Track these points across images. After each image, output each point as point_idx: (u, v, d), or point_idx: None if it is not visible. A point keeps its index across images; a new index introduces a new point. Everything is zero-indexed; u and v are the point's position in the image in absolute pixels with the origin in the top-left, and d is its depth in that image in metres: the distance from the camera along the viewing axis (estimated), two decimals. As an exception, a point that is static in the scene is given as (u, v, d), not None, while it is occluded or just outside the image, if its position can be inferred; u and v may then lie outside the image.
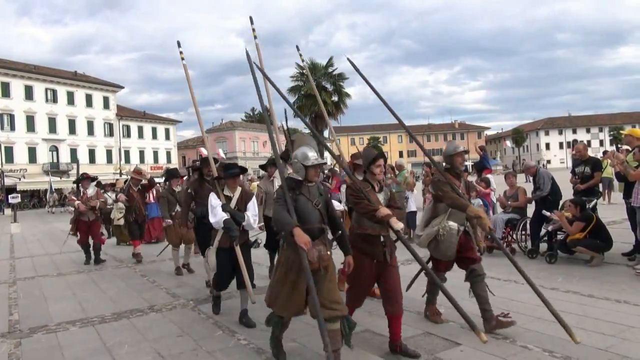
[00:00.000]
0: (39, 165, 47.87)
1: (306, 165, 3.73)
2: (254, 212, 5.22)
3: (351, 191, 4.02)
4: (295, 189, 3.77)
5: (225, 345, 4.51)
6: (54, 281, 8.18)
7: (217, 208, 5.01)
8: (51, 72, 51.57)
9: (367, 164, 4.22)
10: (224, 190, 5.24)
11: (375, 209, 3.82)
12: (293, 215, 3.55)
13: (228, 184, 5.24)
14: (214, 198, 5.09)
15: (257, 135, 68.59)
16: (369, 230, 4.01)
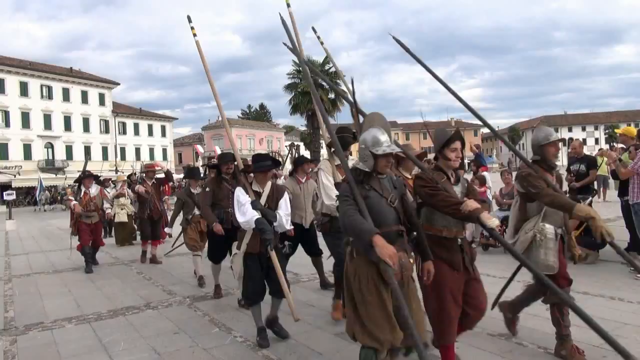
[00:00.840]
0: (34, 162, 47.61)
1: (376, 154, 3.01)
2: (286, 210, 4.48)
3: (422, 182, 3.29)
4: (363, 182, 3.05)
5: (222, 342, 4.51)
6: (50, 278, 8.16)
7: (246, 205, 4.26)
8: (46, 69, 51.25)
9: (439, 147, 3.44)
10: (253, 185, 4.50)
11: (459, 201, 3.11)
12: (368, 218, 2.84)
13: (257, 178, 4.53)
14: (241, 194, 4.35)
15: (254, 133, 68.48)
16: (444, 232, 3.28)
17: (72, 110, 51.88)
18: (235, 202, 4.35)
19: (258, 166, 4.52)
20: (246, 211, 4.24)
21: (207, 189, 5.97)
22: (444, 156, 3.40)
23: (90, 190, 8.90)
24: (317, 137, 41.10)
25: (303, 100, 39.79)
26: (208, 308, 5.71)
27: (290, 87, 41.29)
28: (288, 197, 4.64)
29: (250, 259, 4.34)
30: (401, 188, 3.18)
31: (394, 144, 3.10)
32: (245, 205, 4.27)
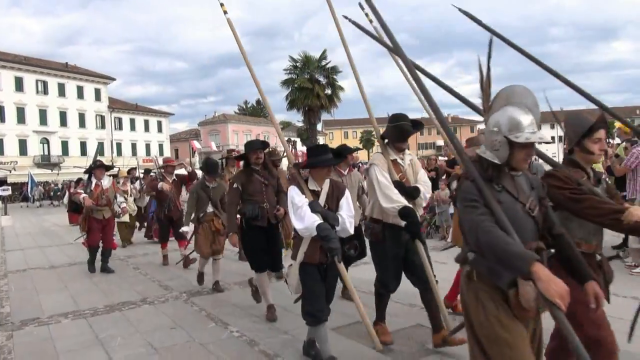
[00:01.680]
0: (30, 157, 47.42)
1: (515, 142, 2.20)
2: (349, 211, 3.77)
3: (559, 182, 2.59)
4: (492, 180, 2.24)
5: (218, 337, 4.52)
6: (46, 274, 8.14)
7: (304, 208, 3.58)
8: (41, 64, 50.97)
9: (577, 137, 2.72)
10: (309, 183, 3.80)
11: (619, 208, 2.44)
12: (514, 235, 2.05)
13: (315, 175, 3.78)
14: (296, 194, 3.68)
15: (250, 129, 68.35)
16: (582, 246, 2.64)
17: (68, 105, 51.64)
18: (290, 205, 3.70)
19: (317, 161, 3.77)
20: (304, 215, 3.55)
21: (235, 184, 5.04)
22: (584, 149, 2.70)
23: (102, 181, 7.90)
24: (314, 133, 41.09)
25: (300, 96, 39.73)
26: (204, 303, 5.71)
27: (287, 82, 41.20)
28: (350, 196, 3.94)
29: (309, 270, 3.68)
30: (540, 189, 2.37)
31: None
32: (302, 208, 3.60)
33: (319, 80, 41.03)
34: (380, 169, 3.97)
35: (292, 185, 3.82)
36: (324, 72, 41.37)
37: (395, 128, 4.07)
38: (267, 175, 5.08)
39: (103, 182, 7.90)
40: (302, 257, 3.69)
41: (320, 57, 41.51)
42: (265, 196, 4.98)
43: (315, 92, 39.56)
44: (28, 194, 34.00)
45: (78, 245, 11.61)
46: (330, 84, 41.49)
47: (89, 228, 7.79)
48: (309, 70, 40.93)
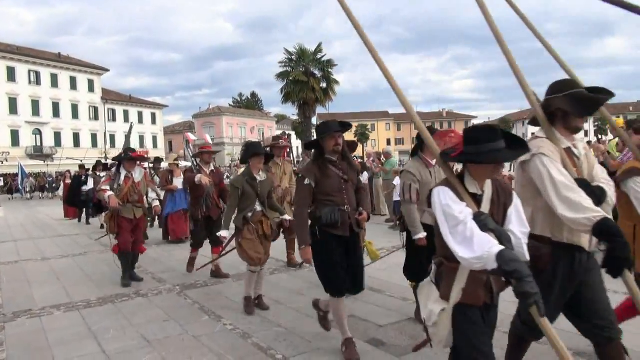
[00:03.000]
0: (22, 148, 47.09)
1: None
2: (522, 226, 2.40)
3: None
4: None
5: (211, 330, 4.53)
6: (38, 266, 8.10)
7: (469, 224, 2.19)
8: (34, 54, 50.51)
9: None
10: (466, 183, 2.37)
11: None
12: None
13: (475, 171, 2.36)
14: (452, 200, 2.28)
15: (245, 121, 68.18)
16: None
17: (61, 96, 51.27)
18: (442, 218, 2.27)
19: (484, 151, 2.26)
20: (473, 237, 2.14)
21: (307, 180, 3.80)
22: None
23: (133, 173, 6.63)
24: (309, 126, 40.99)
25: (295, 89, 39.56)
26: (198, 296, 5.71)
27: (282, 75, 41.01)
28: (520, 203, 2.48)
29: (470, 314, 2.37)
30: None
31: None
32: (466, 224, 2.18)
33: (314, 74, 40.85)
34: (552, 160, 2.63)
35: (441, 186, 2.36)
36: (320, 65, 41.20)
37: (573, 98, 2.67)
38: (347, 168, 3.89)
39: (135, 173, 6.63)
40: (459, 297, 2.34)
41: (315, 50, 41.33)
42: (345, 196, 3.83)
43: (310, 86, 39.42)
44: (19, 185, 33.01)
45: (71, 237, 11.59)
46: (325, 78, 41.34)
47: (119, 229, 6.46)
48: (304, 63, 40.75)
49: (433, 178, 4.19)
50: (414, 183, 4.19)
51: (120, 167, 6.59)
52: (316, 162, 3.89)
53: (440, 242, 2.32)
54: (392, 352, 3.81)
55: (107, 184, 6.45)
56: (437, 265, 2.45)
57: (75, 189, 14.40)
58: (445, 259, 2.37)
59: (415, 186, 4.19)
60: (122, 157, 6.64)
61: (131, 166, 6.57)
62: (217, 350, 4.00)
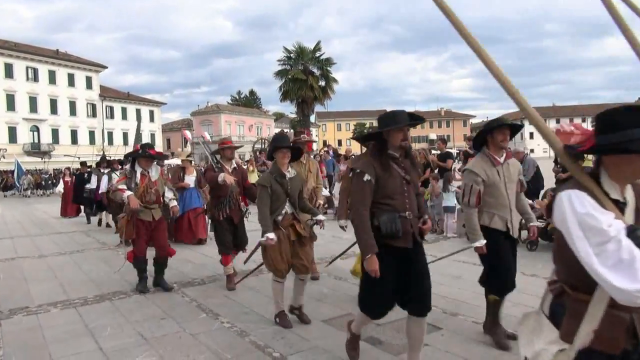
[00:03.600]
0: (20, 145, 46.93)
1: None
2: None
3: None
4: None
5: (209, 327, 4.52)
6: (35, 263, 8.08)
7: (625, 242, 1.55)
8: (32, 50, 50.32)
9: None
10: (604, 185, 1.74)
11: None
12: None
13: (614, 170, 1.75)
14: (596, 210, 1.64)
15: (243, 119, 68.08)
16: None
17: (59, 93, 51.10)
18: (579, 232, 1.67)
19: (636, 138, 1.65)
20: (633, 260, 1.53)
21: (367, 176, 3.13)
22: None
23: (150, 171, 6.00)
24: (307, 125, 40.99)
25: (293, 87, 39.57)
26: (195, 294, 5.70)
27: (281, 73, 41.00)
28: None
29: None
30: None
31: None
32: (620, 240, 1.58)
33: (312, 72, 40.87)
34: None
35: (572, 189, 1.74)
36: (318, 63, 41.22)
37: None
38: (409, 167, 3.29)
39: (151, 171, 6.01)
40: (588, 339, 1.74)
41: (314, 49, 41.34)
42: (407, 200, 3.20)
43: (308, 84, 39.43)
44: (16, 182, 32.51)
45: (68, 234, 11.56)
46: (324, 76, 41.37)
47: (136, 233, 5.83)
48: (302, 61, 40.76)
49: (501, 178, 3.76)
50: (475, 184, 3.73)
51: (135, 165, 5.99)
52: (376, 157, 3.19)
53: (565, 262, 1.76)
54: (390, 351, 3.81)
55: (124, 183, 5.83)
56: (556, 293, 1.84)
57: (78, 187, 14.04)
58: (570, 287, 1.77)
59: (477, 187, 3.71)
60: (139, 154, 5.99)
61: (148, 164, 5.96)
62: (215, 348, 3.99)
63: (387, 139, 3.20)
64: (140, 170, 5.92)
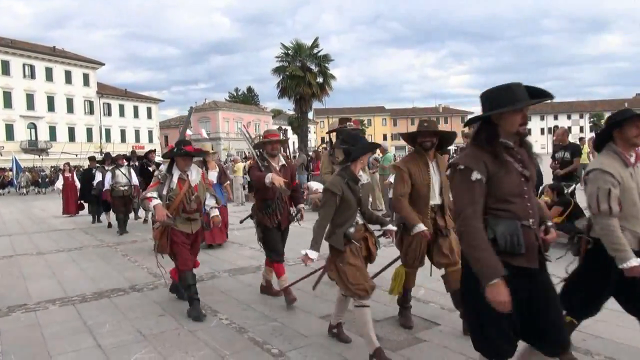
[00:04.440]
0: (17, 142, 46.82)
1: None
2: None
3: None
4: None
5: (207, 324, 4.52)
6: (33, 260, 8.07)
7: None
8: (28, 47, 50.13)
9: None
10: None
11: None
12: None
13: None
14: None
15: (241, 116, 67.97)
16: None
17: (56, 90, 50.94)
18: None
19: None
20: None
21: (476, 174, 2.34)
22: None
23: (190, 174, 5.01)
24: (305, 121, 40.96)
25: (291, 83, 39.45)
26: (194, 291, 5.70)
27: (279, 70, 40.88)
28: None
29: None
30: None
31: None
32: None
33: (310, 69, 40.75)
34: None
35: None
36: (316, 60, 41.11)
37: None
38: (527, 159, 2.47)
39: (190, 174, 5.01)
40: None
41: (312, 45, 41.20)
42: (528, 203, 2.42)
43: (306, 80, 39.34)
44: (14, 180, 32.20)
45: (66, 231, 11.54)
46: (321, 73, 41.27)
47: (174, 247, 4.86)
48: (300, 58, 40.64)
49: (634, 182, 2.95)
50: (613, 187, 2.85)
51: (172, 167, 4.98)
52: (486, 147, 2.37)
53: None
54: (389, 347, 3.82)
55: (154, 190, 4.83)
56: None
57: (86, 184, 13.30)
58: None
59: (615, 192, 2.85)
60: (174, 153, 4.97)
61: (186, 164, 4.94)
62: (213, 345, 4.00)
63: (498, 122, 2.38)
64: (178, 174, 4.92)
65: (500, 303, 2.17)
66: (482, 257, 2.23)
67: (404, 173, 3.97)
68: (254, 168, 5.25)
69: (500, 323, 2.31)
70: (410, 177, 3.94)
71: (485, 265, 2.21)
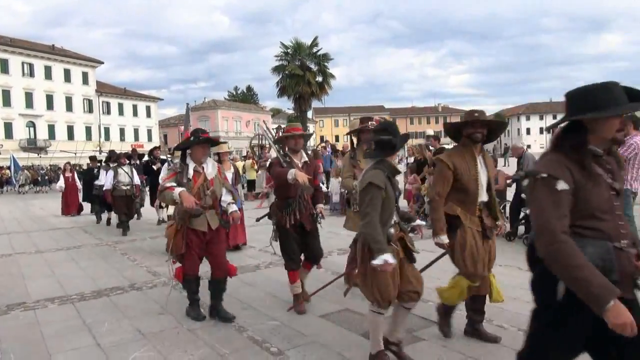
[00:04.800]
0: (16, 141, 46.77)
1: None
2: None
3: None
4: None
5: (207, 323, 4.52)
6: (32, 259, 8.06)
7: None
8: (28, 45, 50.08)
9: None
10: None
11: None
12: None
13: None
14: None
15: (240, 115, 67.99)
16: None
17: (55, 88, 50.90)
18: None
19: None
20: None
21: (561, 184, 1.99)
22: None
23: (205, 167, 4.64)
24: (305, 120, 40.96)
25: (290, 82, 39.51)
26: (193, 289, 5.70)
27: (278, 69, 40.92)
28: None
29: None
30: None
31: None
32: None
33: (310, 68, 40.81)
34: None
35: None
36: (315, 59, 41.16)
37: None
38: (616, 169, 2.16)
39: (206, 167, 4.65)
40: None
41: (311, 44, 41.27)
42: (620, 221, 2.07)
43: (306, 79, 39.39)
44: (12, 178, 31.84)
45: (65, 230, 11.53)
46: (321, 72, 41.31)
47: (186, 251, 4.52)
48: (300, 57, 40.70)
49: None
50: None
51: (186, 157, 4.62)
52: (571, 155, 2.05)
53: None
54: (387, 346, 3.82)
55: (173, 180, 4.47)
56: None
57: (89, 184, 13.09)
58: None
59: None
60: (192, 142, 4.57)
61: (204, 153, 4.60)
62: (212, 343, 4.00)
63: (590, 127, 2.05)
64: (193, 166, 4.56)
65: (625, 325, 1.78)
66: (589, 277, 1.83)
67: (447, 169, 3.59)
68: (276, 164, 4.86)
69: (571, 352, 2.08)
70: (456, 172, 3.57)
71: (596, 286, 1.81)
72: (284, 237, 4.69)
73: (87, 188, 13.32)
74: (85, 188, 13.74)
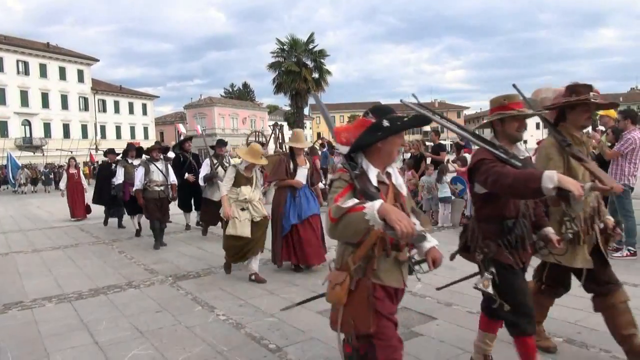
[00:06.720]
0: (11, 139, 46.54)
1: None
2: None
3: None
4: None
5: (205, 320, 4.53)
6: (29, 257, 8.04)
7: None
8: (22, 43, 49.79)
9: None
10: None
11: None
12: None
13: None
14: None
15: (237, 112, 67.80)
16: None
17: (50, 86, 50.68)
18: None
19: None
20: None
21: None
22: None
23: (392, 173, 2.60)
24: (301, 117, 40.91)
25: (287, 79, 39.40)
26: (190, 287, 5.70)
27: (274, 65, 40.80)
28: None
29: None
30: None
31: None
32: None
33: (306, 64, 40.69)
34: None
35: None
36: (312, 55, 41.05)
37: None
38: None
39: (393, 173, 2.64)
40: None
41: (307, 41, 41.14)
42: None
43: (302, 76, 39.29)
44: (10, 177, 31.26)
45: (62, 229, 11.49)
46: (317, 68, 41.21)
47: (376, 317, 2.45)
48: (296, 53, 40.59)
49: None
50: None
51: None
52: None
53: None
54: (385, 341, 3.83)
55: (350, 196, 2.47)
56: None
57: (103, 182, 11.07)
58: None
59: None
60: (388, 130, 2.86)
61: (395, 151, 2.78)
62: (210, 341, 4.00)
63: None
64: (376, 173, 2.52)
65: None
66: None
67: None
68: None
69: None
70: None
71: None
72: (513, 278, 2.78)
73: (101, 187, 11.20)
74: (98, 187, 11.52)
